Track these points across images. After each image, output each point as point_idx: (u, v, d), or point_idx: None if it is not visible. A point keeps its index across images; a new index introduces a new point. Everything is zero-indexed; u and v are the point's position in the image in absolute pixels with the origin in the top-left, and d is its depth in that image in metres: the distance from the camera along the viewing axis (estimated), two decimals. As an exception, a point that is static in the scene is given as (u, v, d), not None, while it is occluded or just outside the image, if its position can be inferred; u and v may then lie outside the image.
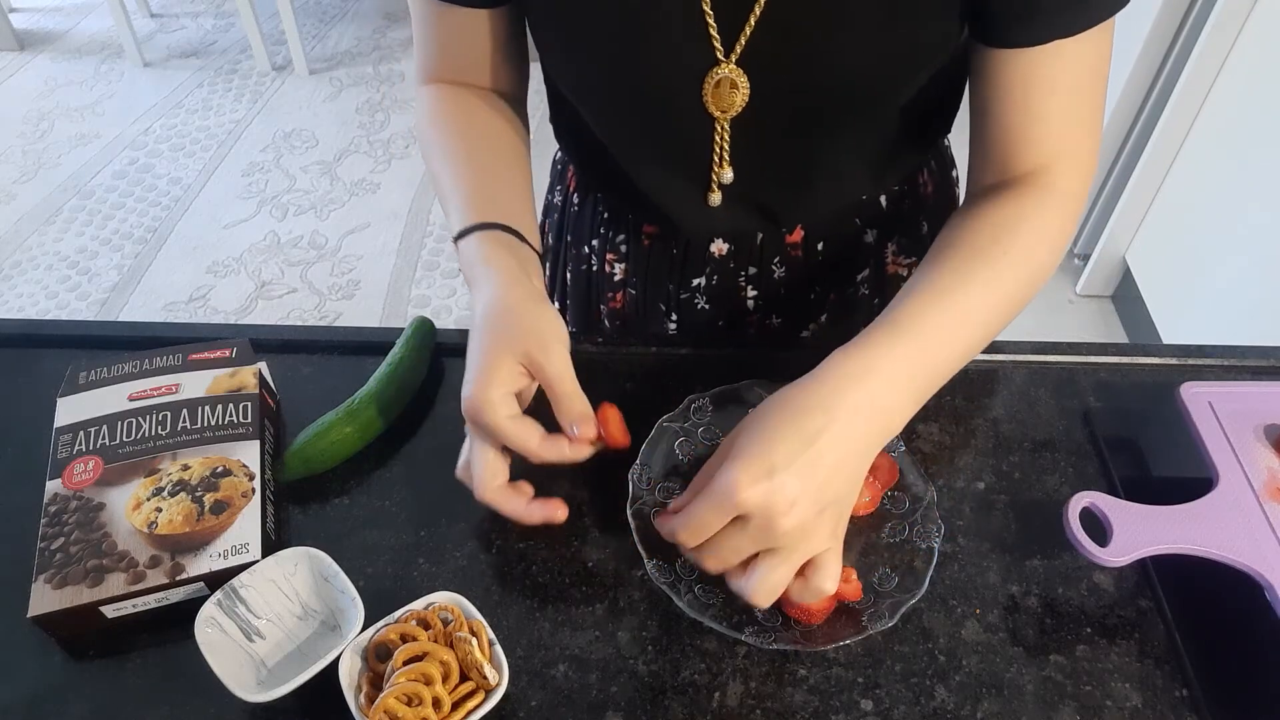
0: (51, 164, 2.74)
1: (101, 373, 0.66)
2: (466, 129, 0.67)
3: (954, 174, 0.83)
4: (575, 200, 0.82)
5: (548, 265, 0.90)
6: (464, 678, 0.52)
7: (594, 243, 0.82)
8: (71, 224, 2.50)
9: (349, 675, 0.51)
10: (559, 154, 0.85)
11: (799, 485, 0.47)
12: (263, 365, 0.68)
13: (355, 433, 0.64)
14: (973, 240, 0.57)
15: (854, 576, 0.56)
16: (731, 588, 0.52)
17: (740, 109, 0.60)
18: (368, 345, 0.73)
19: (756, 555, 0.50)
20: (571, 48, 0.62)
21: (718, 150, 0.64)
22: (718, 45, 0.57)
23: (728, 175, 0.65)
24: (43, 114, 2.96)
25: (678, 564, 0.58)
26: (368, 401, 0.65)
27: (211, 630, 0.53)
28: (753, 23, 0.55)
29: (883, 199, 0.74)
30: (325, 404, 0.65)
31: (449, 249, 2.38)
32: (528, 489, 0.58)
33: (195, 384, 0.65)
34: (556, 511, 0.58)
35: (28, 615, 0.53)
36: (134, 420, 0.63)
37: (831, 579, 0.51)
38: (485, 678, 0.51)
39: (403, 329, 0.71)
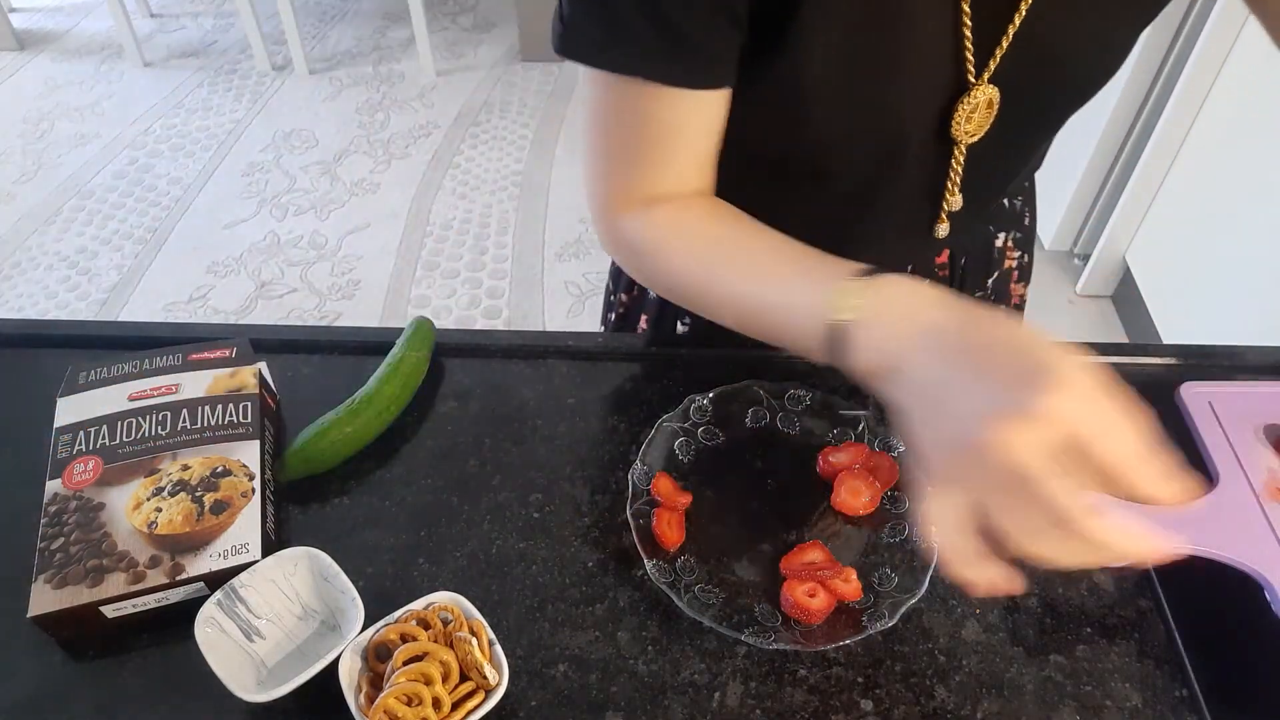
0: (51, 164, 2.74)
1: (101, 373, 0.66)
2: (738, 231, 0.56)
3: None
4: None
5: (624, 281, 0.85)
6: (464, 678, 0.52)
7: None
8: (71, 224, 2.50)
9: (349, 675, 0.51)
10: None
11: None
12: (263, 365, 0.68)
13: (355, 433, 0.64)
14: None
15: (854, 576, 0.56)
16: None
17: (986, 130, 0.58)
18: (368, 345, 0.73)
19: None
20: (825, 99, 0.54)
21: (952, 177, 0.62)
22: (970, 66, 0.54)
23: (957, 202, 0.64)
24: (43, 114, 2.96)
25: (677, 564, 0.58)
26: (368, 401, 0.65)
27: (211, 630, 0.53)
28: (1009, 37, 0.53)
29: (1005, 200, 0.75)
30: (325, 404, 0.65)
31: (449, 249, 2.38)
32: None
33: (195, 384, 0.65)
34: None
35: (28, 615, 0.53)
36: (134, 420, 0.63)
37: None
38: (485, 678, 0.51)
39: (403, 329, 0.71)
